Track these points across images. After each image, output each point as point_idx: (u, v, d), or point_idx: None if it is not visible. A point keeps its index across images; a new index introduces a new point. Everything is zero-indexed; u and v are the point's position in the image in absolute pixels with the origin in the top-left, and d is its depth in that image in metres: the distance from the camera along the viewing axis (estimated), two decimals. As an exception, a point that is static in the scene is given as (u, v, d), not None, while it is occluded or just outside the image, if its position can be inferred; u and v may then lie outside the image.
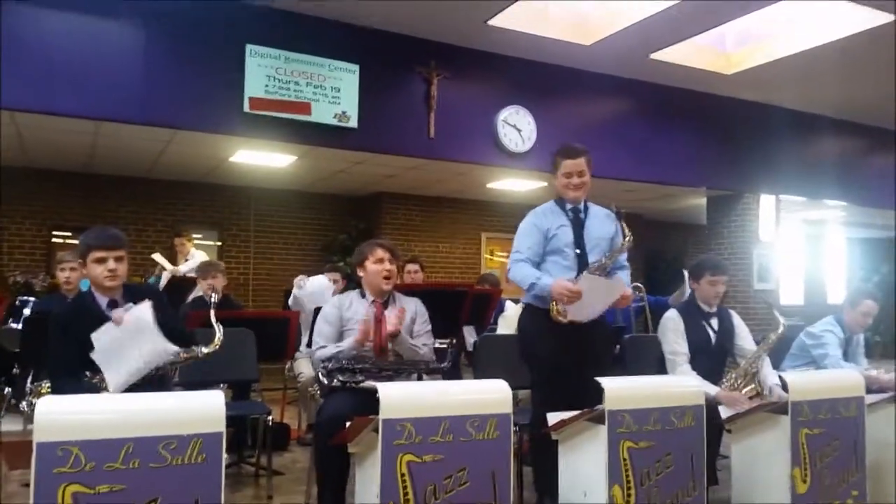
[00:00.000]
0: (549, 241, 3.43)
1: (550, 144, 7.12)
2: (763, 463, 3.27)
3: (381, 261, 3.36)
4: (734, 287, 8.34)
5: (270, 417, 3.99)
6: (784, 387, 3.32)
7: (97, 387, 2.77)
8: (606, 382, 2.83)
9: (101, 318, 2.80)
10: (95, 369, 2.78)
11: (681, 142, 7.97)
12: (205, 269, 5.18)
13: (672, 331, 3.77)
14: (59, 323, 2.90)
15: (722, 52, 7.22)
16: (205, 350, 2.94)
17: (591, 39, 6.54)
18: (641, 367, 3.89)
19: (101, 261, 2.85)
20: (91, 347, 2.73)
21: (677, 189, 8.72)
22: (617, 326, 4.68)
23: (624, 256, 3.59)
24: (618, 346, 4.26)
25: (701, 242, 9.99)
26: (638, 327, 5.26)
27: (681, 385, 3.11)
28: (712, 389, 3.53)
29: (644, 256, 11.32)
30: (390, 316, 3.27)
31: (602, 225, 3.59)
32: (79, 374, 2.82)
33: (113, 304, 2.90)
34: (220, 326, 2.98)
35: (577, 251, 3.45)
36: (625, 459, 2.77)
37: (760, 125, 8.43)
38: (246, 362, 4.09)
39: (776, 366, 4.06)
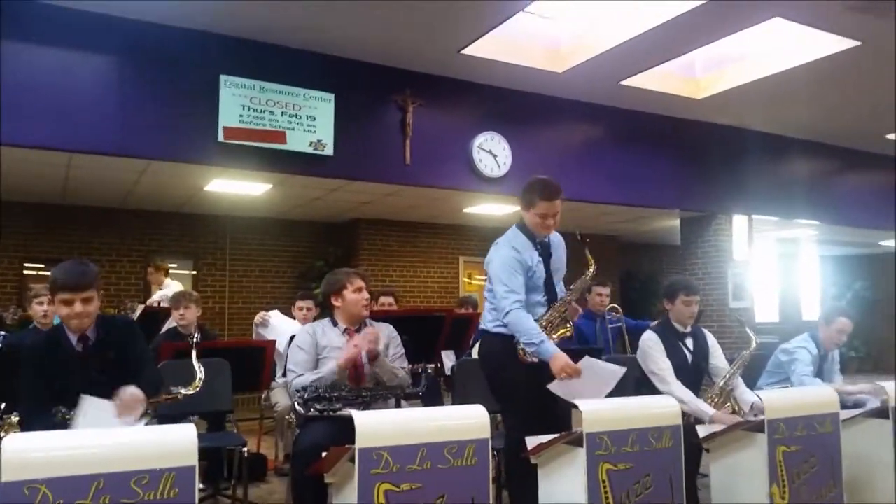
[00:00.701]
0: (529, 278, 3.41)
1: (526, 169, 7.22)
2: (742, 481, 3.28)
3: (359, 290, 3.38)
4: (709, 306, 8.42)
5: (246, 448, 3.93)
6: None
7: (69, 423, 2.71)
8: (584, 405, 2.84)
9: (71, 354, 2.76)
10: (68, 404, 2.73)
11: (654, 165, 8.08)
12: (177, 300, 5.13)
13: (654, 350, 3.81)
14: (31, 357, 2.84)
15: (691, 77, 7.37)
16: (184, 391, 2.91)
17: (563, 67, 6.65)
18: (619, 389, 3.89)
19: (68, 303, 2.75)
20: (60, 384, 2.68)
21: (651, 211, 8.82)
22: (595, 348, 4.70)
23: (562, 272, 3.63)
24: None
25: (675, 263, 10.10)
26: (616, 349, 5.28)
27: (658, 406, 3.12)
28: (708, 410, 3.56)
29: (619, 277, 11.42)
30: (366, 338, 3.25)
31: (561, 254, 3.65)
32: (50, 409, 2.76)
33: (84, 340, 2.84)
34: (201, 367, 2.95)
35: (548, 286, 3.47)
36: (604, 481, 2.76)
37: (732, 147, 8.58)
38: (221, 393, 4.04)
39: (753, 384, 4.10)
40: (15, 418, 2.93)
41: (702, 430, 3.39)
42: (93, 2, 5.24)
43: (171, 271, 7.71)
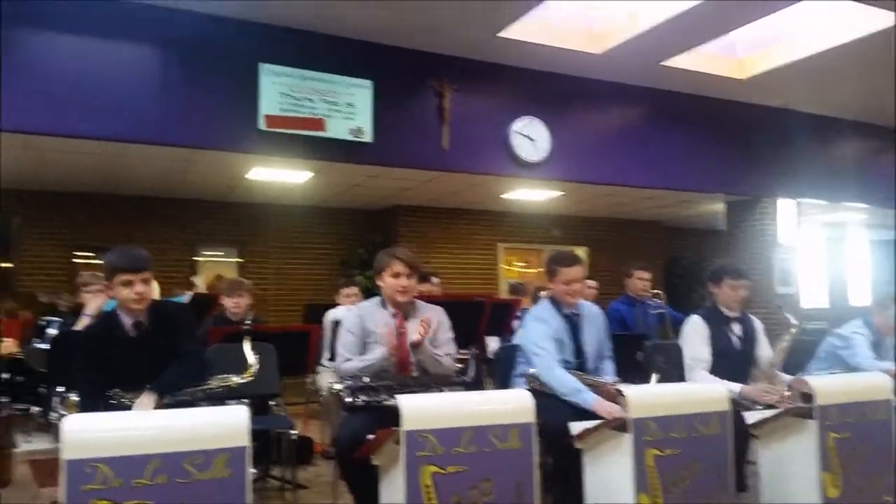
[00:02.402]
0: (557, 350, 3.46)
1: (565, 153, 7.17)
2: (792, 468, 3.23)
3: (397, 275, 3.29)
4: (755, 292, 8.25)
5: (294, 432, 4.00)
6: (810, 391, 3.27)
7: (125, 405, 2.79)
8: (629, 391, 2.82)
9: (125, 338, 2.83)
10: (124, 387, 2.81)
11: (697, 148, 7.94)
12: (231, 288, 5.19)
13: (695, 334, 3.75)
14: (86, 343, 2.93)
15: (734, 57, 7.20)
16: (237, 379, 2.97)
17: (602, 48, 6.56)
18: (663, 375, 3.85)
19: (128, 283, 2.85)
20: (115, 366, 2.77)
21: (695, 195, 8.67)
22: (637, 334, 4.65)
23: (609, 347, 3.70)
24: (639, 354, 4.23)
25: (720, 248, 9.91)
26: (659, 334, 5.21)
27: (706, 391, 3.08)
28: (735, 387, 3.51)
29: (663, 263, 11.27)
30: (414, 326, 3.25)
31: (595, 328, 3.66)
32: (104, 392, 2.84)
33: (138, 325, 2.93)
34: (255, 356, 3.01)
35: (579, 360, 3.52)
36: (651, 467, 2.74)
37: (777, 129, 8.38)
38: (268, 377, 4.09)
39: (801, 370, 4.01)
40: (75, 398, 3.03)
41: (750, 417, 3.34)
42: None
43: (217, 259, 7.84)
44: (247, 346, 3.06)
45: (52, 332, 5.49)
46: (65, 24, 5.29)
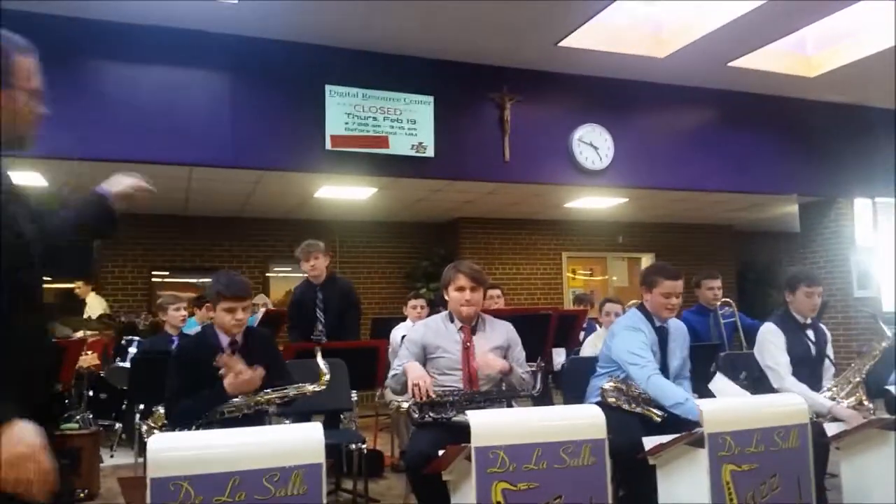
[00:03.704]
0: None
1: (629, 159, 7.08)
2: (874, 482, 3.09)
3: (461, 289, 3.29)
4: (833, 296, 7.95)
5: (365, 445, 4.06)
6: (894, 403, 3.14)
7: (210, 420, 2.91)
8: (705, 405, 2.76)
9: (220, 354, 3.00)
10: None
11: (767, 149, 7.71)
12: (307, 252, 5.34)
13: (772, 343, 3.66)
14: (182, 355, 3.11)
15: (803, 55, 6.97)
16: (311, 388, 3.06)
17: (665, 52, 6.45)
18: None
19: (231, 310, 3.03)
20: (208, 379, 2.90)
21: (767, 197, 8.43)
22: (711, 344, 4.54)
23: (688, 367, 3.61)
24: (713, 365, 4.13)
25: (794, 251, 9.58)
26: (732, 344, 5.06)
27: (783, 404, 2.99)
28: (825, 402, 3.39)
29: (735, 268, 10.96)
30: (486, 355, 3.24)
31: (681, 343, 3.59)
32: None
33: (233, 344, 3.08)
34: (327, 365, 3.10)
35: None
36: (728, 483, 2.67)
37: (851, 127, 8.05)
38: (340, 392, 4.18)
39: (885, 380, 3.84)
40: (161, 410, 3.17)
41: (831, 429, 3.22)
42: (200, 20, 5.55)
43: (285, 275, 8.04)
44: (319, 357, 3.16)
45: (133, 351, 5.75)
46: (142, 54, 5.55)
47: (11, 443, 1.42)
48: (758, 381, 3.67)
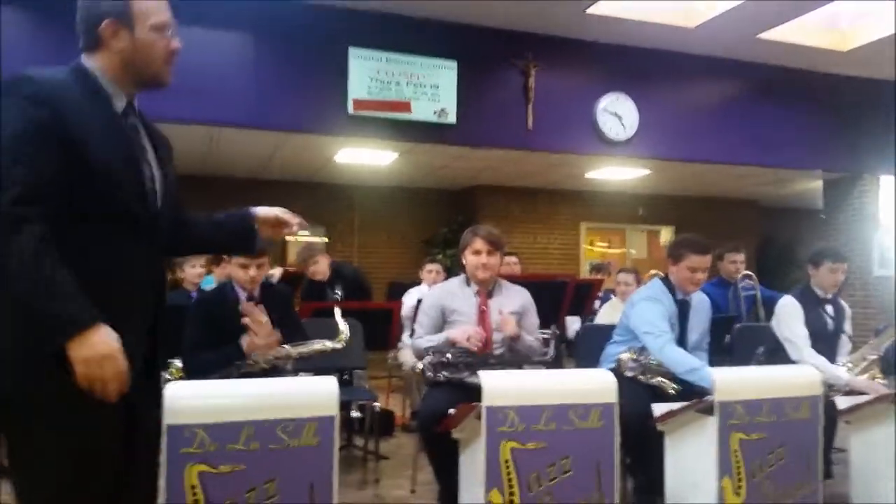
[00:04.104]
0: None
1: (654, 130, 6.99)
2: (885, 457, 3.09)
3: (478, 252, 3.33)
4: (852, 273, 7.84)
5: (377, 404, 4.13)
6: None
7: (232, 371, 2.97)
8: (717, 373, 2.76)
9: (238, 308, 3.07)
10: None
11: (793, 123, 7.58)
12: (303, 257, 5.40)
13: (791, 316, 3.66)
14: (201, 308, 3.18)
15: (835, 28, 6.80)
16: (331, 344, 3.12)
17: (696, 22, 6.33)
18: (750, 357, 3.77)
19: (245, 267, 3.11)
20: (226, 332, 2.95)
21: (791, 172, 8.30)
22: (728, 316, 4.52)
23: (707, 340, 3.60)
24: (727, 336, 4.13)
25: (816, 228, 9.45)
26: (749, 317, 5.05)
27: (797, 375, 2.98)
28: (843, 375, 3.39)
29: (756, 243, 10.85)
30: (504, 320, 3.26)
31: (701, 318, 3.57)
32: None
33: (251, 298, 3.16)
34: (346, 324, 3.15)
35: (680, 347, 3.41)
36: (735, 451, 2.69)
37: (881, 102, 7.86)
38: (354, 351, 4.23)
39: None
40: (178, 363, 3.25)
41: (842, 402, 3.22)
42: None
43: (304, 238, 8.10)
44: (338, 314, 3.23)
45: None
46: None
47: (94, 342, 1.52)
48: (773, 355, 3.66)
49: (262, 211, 2.19)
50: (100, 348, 1.52)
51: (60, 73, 1.67)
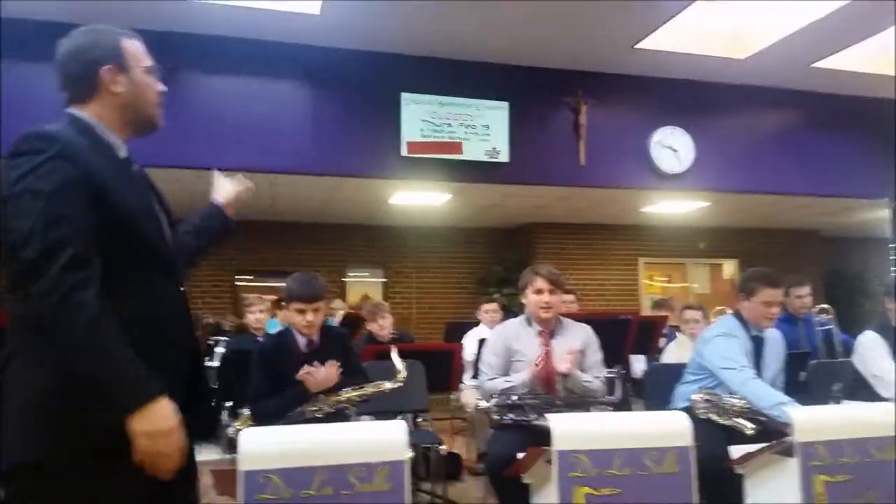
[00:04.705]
0: None
1: (711, 163, 6.91)
2: None
3: (539, 291, 3.34)
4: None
5: (443, 447, 4.10)
6: None
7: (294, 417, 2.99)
8: (796, 413, 2.66)
9: (298, 354, 3.09)
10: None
11: (854, 151, 7.38)
12: (373, 312, 5.50)
13: (877, 351, 3.52)
14: (263, 355, 3.20)
15: (890, 54, 6.63)
16: (389, 385, 3.11)
17: (746, 53, 6.27)
18: (827, 395, 3.62)
19: (301, 312, 3.10)
20: (287, 379, 2.99)
21: (854, 202, 8.04)
22: (802, 352, 4.36)
23: (782, 379, 3.50)
24: (803, 374, 3.98)
25: (885, 257, 9.11)
26: (825, 353, 4.84)
27: (879, 413, 2.85)
28: None
29: (823, 276, 10.50)
30: (562, 356, 3.23)
31: (775, 355, 3.47)
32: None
33: (310, 344, 3.16)
34: (403, 363, 3.15)
35: None
36: (820, 494, 2.57)
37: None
38: (417, 393, 4.23)
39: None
40: (247, 412, 3.29)
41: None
42: (281, 31, 5.73)
43: (363, 280, 8.22)
44: (394, 354, 3.20)
45: (220, 350, 5.97)
46: (226, 66, 5.80)
47: (155, 417, 1.50)
48: (852, 392, 3.52)
49: (221, 197, 2.29)
50: (160, 424, 1.51)
51: (63, 126, 1.65)
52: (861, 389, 3.49)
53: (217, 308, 8.56)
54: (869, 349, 3.55)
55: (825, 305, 4.51)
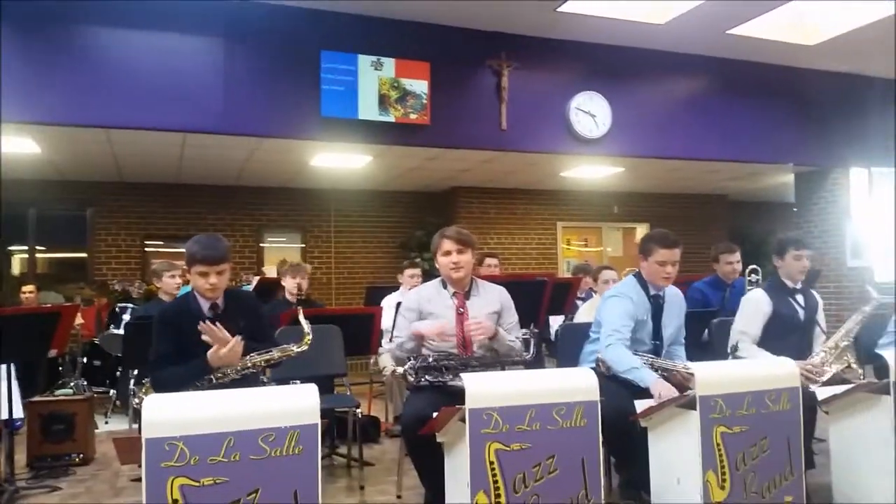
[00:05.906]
0: (634, 330, 3.39)
1: (627, 128, 7.04)
2: (864, 445, 3.13)
3: (448, 253, 3.33)
4: (826, 266, 8.00)
5: (360, 410, 4.09)
6: (885, 367, 3.16)
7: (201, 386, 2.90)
8: (697, 368, 2.78)
9: (202, 319, 2.95)
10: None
11: (764, 118, 7.68)
12: (295, 270, 5.41)
13: (752, 308, 3.70)
14: (164, 320, 3.05)
15: (802, 23, 6.90)
16: (296, 348, 3.05)
17: (665, 18, 6.38)
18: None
19: (204, 274, 2.96)
20: (191, 344, 2.88)
21: (762, 167, 8.41)
22: (708, 311, 4.53)
23: (683, 333, 3.63)
24: (706, 331, 4.16)
25: (789, 221, 9.60)
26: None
27: (775, 367, 3.01)
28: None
29: (730, 239, 10.96)
30: (482, 322, 3.22)
31: (675, 313, 3.58)
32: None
33: (214, 308, 3.04)
34: (309, 324, 3.08)
35: (655, 342, 3.46)
36: (718, 444, 2.71)
37: (848, 96, 8.02)
38: (334, 357, 4.20)
39: (873, 345, 3.87)
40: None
41: (821, 393, 3.25)
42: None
43: (282, 244, 8.05)
44: (301, 317, 3.12)
45: (127, 318, 5.77)
46: (136, 20, 5.47)
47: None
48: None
49: None
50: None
51: None
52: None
53: (125, 274, 8.24)
54: (746, 307, 3.73)
55: (755, 266, 4.63)
